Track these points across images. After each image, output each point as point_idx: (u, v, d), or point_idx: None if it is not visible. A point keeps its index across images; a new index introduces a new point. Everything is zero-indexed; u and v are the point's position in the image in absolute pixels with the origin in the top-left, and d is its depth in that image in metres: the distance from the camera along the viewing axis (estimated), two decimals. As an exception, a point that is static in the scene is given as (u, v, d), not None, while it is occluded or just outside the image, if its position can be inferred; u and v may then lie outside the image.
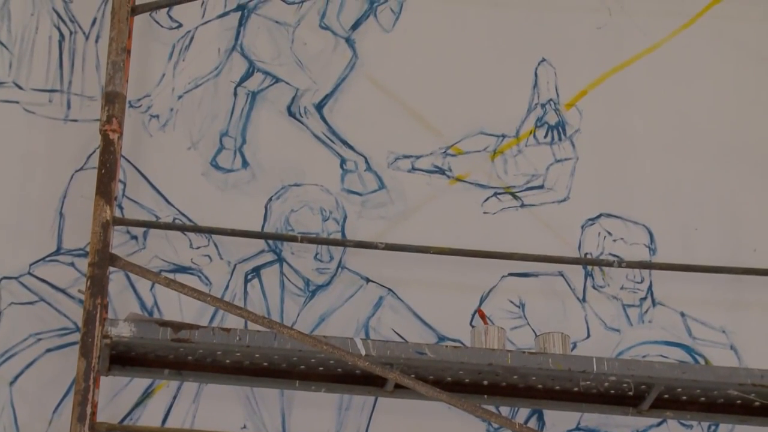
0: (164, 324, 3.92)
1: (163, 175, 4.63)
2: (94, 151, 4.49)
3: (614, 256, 4.70)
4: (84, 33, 4.73)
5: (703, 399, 4.21)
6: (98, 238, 3.96)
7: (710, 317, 4.68)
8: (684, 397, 4.21)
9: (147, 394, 4.37)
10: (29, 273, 4.41)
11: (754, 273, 4.61)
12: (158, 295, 4.43)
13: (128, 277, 4.43)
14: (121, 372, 4.09)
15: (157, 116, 4.71)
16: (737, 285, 4.72)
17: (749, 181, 4.90)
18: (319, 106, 4.80)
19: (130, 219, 4.46)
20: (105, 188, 4.04)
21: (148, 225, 4.49)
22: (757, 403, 4.18)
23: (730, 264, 4.66)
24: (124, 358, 4.06)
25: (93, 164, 4.41)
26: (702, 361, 4.64)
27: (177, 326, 3.91)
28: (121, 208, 4.53)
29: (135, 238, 4.53)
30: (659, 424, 4.56)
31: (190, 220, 4.58)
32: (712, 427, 4.59)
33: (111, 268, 3.97)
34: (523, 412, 4.53)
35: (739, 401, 4.17)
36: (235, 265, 4.55)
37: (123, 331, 3.88)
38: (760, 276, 4.63)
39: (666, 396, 4.21)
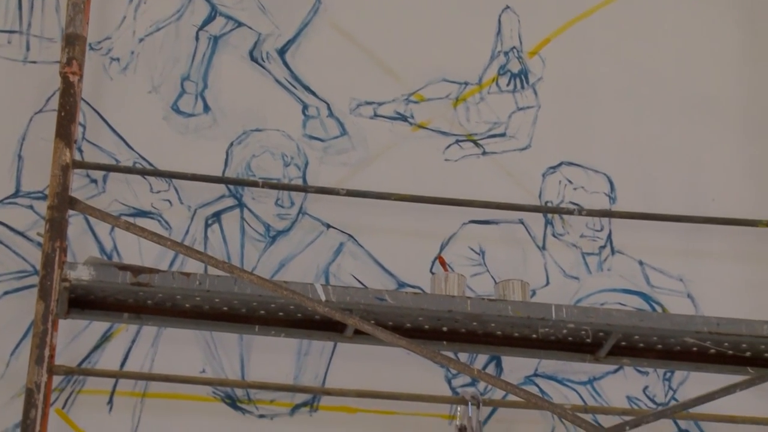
0: (124, 268, 3.90)
1: (124, 119, 4.60)
2: (53, 94, 4.46)
3: (574, 204, 4.72)
4: (43, -27, 4.69)
5: (659, 346, 4.25)
6: (58, 181, 3.93)
7: (668, 266, 4.72)
8: (641, 345, 4.25)
9: (106, 338, 4.37)
10: (-13, 215, 4.39)
11: (712, 222, 4.65)
12: (118, 238, 4.42)
13: (87, 221, 4.41)
14: (80, 315, 4.08)
15: (118, 59, 4.67)
16: (695, 234, 4.75)
17: (709, 132, 4.93)
18: (282, 52, 4.78)
19: (89, 162, 4.44)
20: (65, 131, 4.00)
21: (108, 168, 4.46)
22: (712, 351, 4.22)
23: (689, 213, 4.69)
24: (83, 302, 4.05)
25: (53, 107, 4.38)
26: (659, 309, 4.68)
27: (136, 270, 3.90)
28: (80, 151, 4.51)
29: (95, 181, 4.50)
30: (616, 371, 4.60)
31: (150, 164, 4.56)
32: (668, 374, 4.64)
33: (70, 212, 3.94)
34: (481, 359, 4.56)
35: (695, 348, 4.21)
36: (196, 210, 4.54)
37: (82, 274, 3.86)
38: (718, 225, 4.67)
39: (623, 343, 4.25)
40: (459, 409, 4.23)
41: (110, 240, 4.44)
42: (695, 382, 4.56)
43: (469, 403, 4.22)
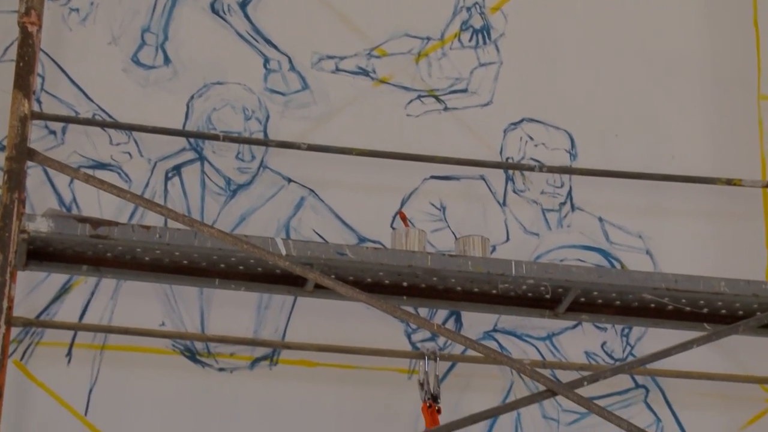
0: (83, 220, 3.88)
1: (83, 70, 4.56)
2: (11, 44, 4.42)
3: (535, 160, 4.73)
4: None
5: (618, 302, 4.27)
6: (16, 132, 3.90)
7: (627, 222, 4.74)
8: (600, 301, 4.27)
9: (64, 290, 4.35)
10: (-55, 166, 4.35)
11: (671, 180, 4.67)
12: (77, 191, 4.39)
13: (46, 173, 4.38)
14: (39, 267, 4.06)
15: (77, 10, 4.62)
16: (655, 191, 4.77)
17: (670, 90, 4.94)
18: (243, 4, 4.74)
19: (48, 113, 4.40)
20: (23, 82, 3.96)
21: (67, 120, 4.43)
22: (670, 307, 4.25)
23: (649, 170, 4.71)
24: (42, 254, 4.02)
25: (11, 57, 4.33)
26: (618, 266, 4.70)
27: (96, 222, 3.88)
28: (39, 102, 4.47)
29: (54, 133, 4.47)
30: (574, 327, 4.63)
31: (110, 117, 4.53)
32: (626, 330, 4.67)
33: (29, 163, 3.91)
34: (441, 314, 4.57)
35: (653, 305, 4.24)
36: (156, 163, 4.52)
37: (41, 226, 3.84)
38: (678, 183, 4.69)
39: (582, 299, 4.27)
40: (418, 363, 4.25)
41: (69, 192, 4.42)
42: (652, 338, 4.60)
43: (426, 357, 4.24)
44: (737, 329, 3.96)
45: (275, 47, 4.72)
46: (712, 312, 4.24)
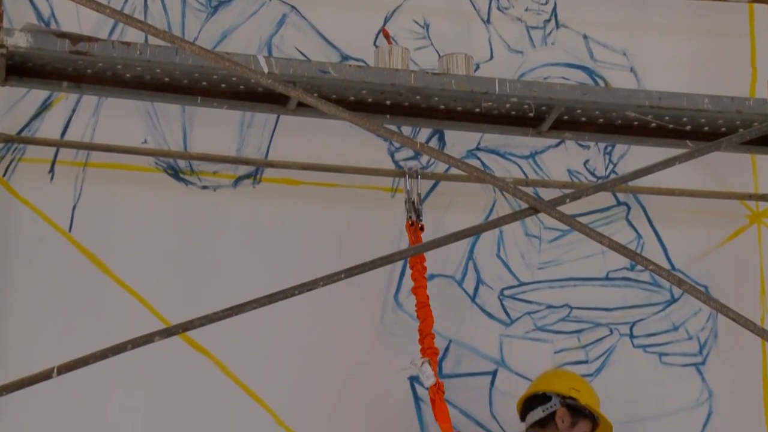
0: (62, 35, 3.82)
1: None
2: None
3: (519, -25, 4.67)
4: None
5: (601, 120, 4.26)
6: (-9, -56, 3.81)
7: (612, 39, 4.71)
8: (583, 119, 4.26)
9: (45, 107, 4.33)
10: None
11: (658, -5, 4.63)
12: (55, 5, 4.34)
13: (23, -14, 4.32)
14: (18, 83, 4.00)
15: None
16: (640, 7, 4.73)
17: None
18: None
19: (24, -72, 4.31)
20: None
21: (43, -66, 4.35)
22: (653, 125, 4.24)
23: (635, -15, 4.67)
24: (21, 69, 3.96)
25: None
26: (602, 84, 4.69)
27: (75, 38, 3.82)
28: None
29: (30, -53, 4.39)
30: (557, 145, 4.64)
31: (87, -69, 4.43)
32: (609, 148, 4.68)
33: (6, -25, 3.85)
34: (424, 132, 4.57)
35: (636, 123, 4.23)
36: (135, -22, 4.45)
37: (19, 41, 3.77)
38: (664, -2, 4.66)
39: (566, 117, 4.25)
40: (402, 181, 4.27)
41: (47, 6, 4.35)
42: (635, 156, 4.62)
43: (408, 175, 4.26)
44: (720, 146, 3.96)
45: None
46: (695, 129, 4.23)
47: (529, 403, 4.05)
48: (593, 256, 4.57)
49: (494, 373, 4.46)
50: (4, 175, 4.25)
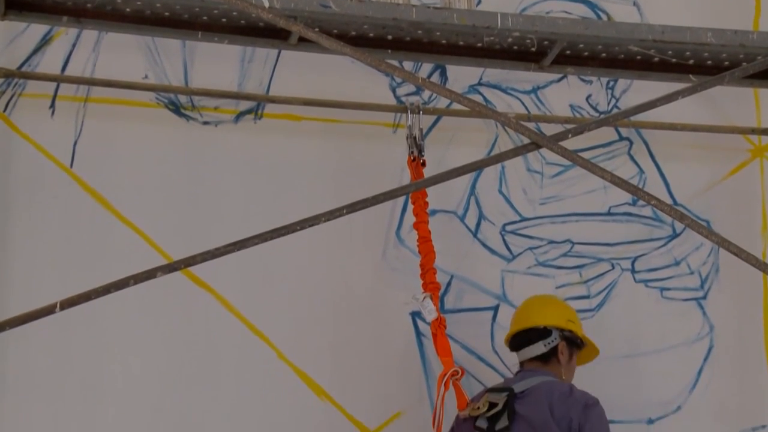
0: (61, -31, 3.81)
1: None
2: None
3: None
4: None
5: (604, 55, 4.23)
6: None
7: (615, -28, 4.69)
8: (585, 53, 4.23)
9: (45, 41, 4.31)
10: None
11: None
12: (53, -61, 4.30)
13: None
14: (18, 17, 3.97)
15: None
16: (643, -60, 4.71)
17: None
18: None
19: None
20: None
21: None
22: (656, 59, 4.22)
23: None
24: (21, 3, 3.93)
25: None
26: (605, 18, 4.67)
27: (74, -28, 3.80)
28: None
29: None
30: (560, 80, 4.63)
31: None
32: (611, 83, 4.67)
33: None
34: (426, 68, 4.56)
35: (638, 57, 4.21)
36: None
37: (18, -26, 3.76)
38: (667, -70, 4.62)
39: (568, 52, 4.23)
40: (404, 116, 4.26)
41: (46, -60, 4.33)
42: (638, 90, 4.60)
43: (409, 110, 4.24)
44: (723, 80, 3.94)
45: None
46: (698, 63, 4.21)
47: (527, 336, 4.03)
48: (595, 192, 4.57)
49: (496, 308, 4.47)
50: (4, 111, 4.24)
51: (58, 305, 3.45)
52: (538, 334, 4.01)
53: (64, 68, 4.31)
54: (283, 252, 4.15)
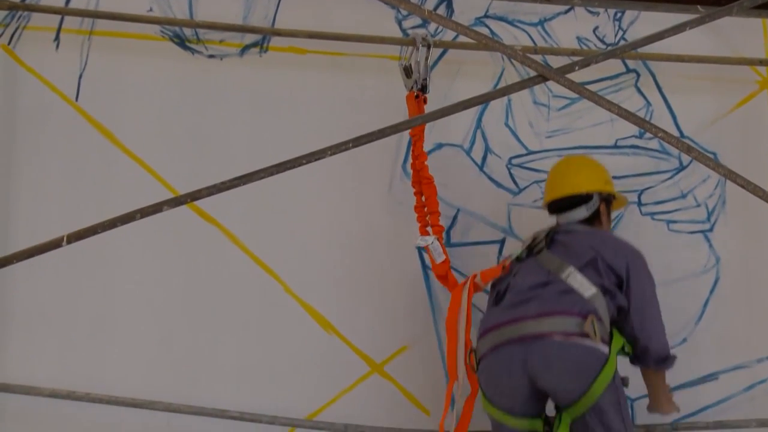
0: None
1: None
2: None
3: None
4: None
5: (611, -14, 4.22)
6: None
7: None
8: (593, -16, 4.22)
9: (47, -25, 4.29)
10: None
11: None
12: None
13: None
14: (21, -49, 3.98)
15: None
16: None
17: None
18: None
19: None
20: None
21: None
22: (664, -10, 4.20)
23: None
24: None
25: None
26: (610, -53, 4.63)
27: None
28: None
29: None
30: (566, 12, 4.59)
31: None
32: (618, 14, 4.63)
33: None
34: (432, 0, 4.53)
35: (644, -13, 4.19)
36: None
37: None
38: None
39: (575, -18, 4.21)
40: (408, 49, 4.23)
41: None
42: (645, 22, 4.57)
43: (419, 44, 4.21)
44: (731, 11, 3.90)
45: None
46: (706, -6, 4.20)
47: (568, 201, 4.04)
48: (602, 124, 4.55)
49: (502, 242, 4.47)
50: (9, 43, 4.23)
51: (65, 239, 3.47)
52: (580, 199, 4.04)
53: (68, 1, 4.29)
54: (289, 186, 4.15)
